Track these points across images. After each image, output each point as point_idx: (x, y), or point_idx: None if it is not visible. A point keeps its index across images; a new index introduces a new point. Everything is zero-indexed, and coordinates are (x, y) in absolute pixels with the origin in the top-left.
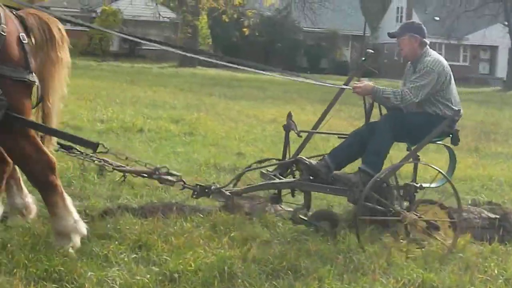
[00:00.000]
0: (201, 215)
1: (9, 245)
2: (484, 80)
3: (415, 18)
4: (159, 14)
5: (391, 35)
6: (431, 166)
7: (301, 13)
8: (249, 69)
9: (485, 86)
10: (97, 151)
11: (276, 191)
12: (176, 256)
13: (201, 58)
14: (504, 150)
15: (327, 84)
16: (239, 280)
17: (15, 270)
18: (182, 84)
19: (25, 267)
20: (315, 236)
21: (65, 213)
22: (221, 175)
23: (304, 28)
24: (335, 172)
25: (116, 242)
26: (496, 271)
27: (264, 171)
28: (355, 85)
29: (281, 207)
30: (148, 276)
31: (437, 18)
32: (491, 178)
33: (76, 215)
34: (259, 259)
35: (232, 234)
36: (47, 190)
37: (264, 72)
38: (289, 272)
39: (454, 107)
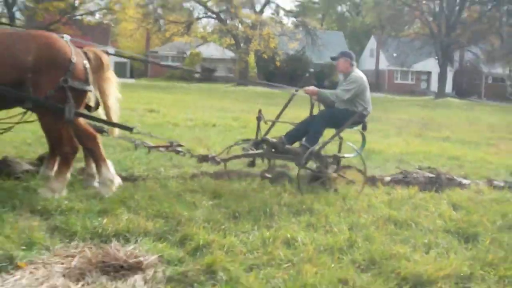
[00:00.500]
0: (250, 178)
1: (135, 195)
2: (424, 93)
3: (381, 56)
4: (224, 53)
5: (332, 58)
6: (347, 144)
7: (311, 52)
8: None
9: (424, 96)
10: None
11: (251, 159)
12: (237, 202)
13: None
14: (436, 135)
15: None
16: (276, 217)
17: (139, 211)
18: (238, 96)
19: (145, 209)
20: (324, 190)
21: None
22: None
23: (314, 61)
24: (287, 146)
25: (202, 195)
26: (433, 209)
27: (244, 146)
28: (306, 88)
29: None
30: (219, 215)
31: (395, 55)
32: (430, 153)
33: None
34: (288, 204)
35: (271, 188)
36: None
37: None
38: (307, 212)
39: (365, 106)
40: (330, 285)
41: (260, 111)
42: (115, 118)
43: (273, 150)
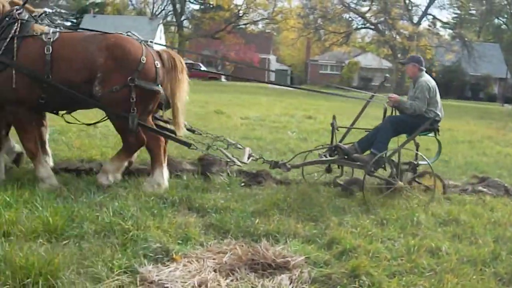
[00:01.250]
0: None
1: (288, 198)
2: None
3: None
4: (382, 63)
5: (401, 63)
6: (415, 152)
7: (467, 64)
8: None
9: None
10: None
11: (327, 165)
12: (385, 209)
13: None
14: None
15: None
16: (422, 226)
17: (290, 213)
18: None
19: (296, 211)
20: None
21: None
22: None
23: (470, 73)
24: (356, 154)
25: (351, 200)
26: None
27: (319, 153)
28: (390, 96)
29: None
30: (367, 221)
31: None
32: None
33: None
34: (435, 214)
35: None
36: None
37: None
38: (453, 222)
39: (437, 112)
40: None
41: (334, 117)
42: (181, 120)
43: (345, 157)
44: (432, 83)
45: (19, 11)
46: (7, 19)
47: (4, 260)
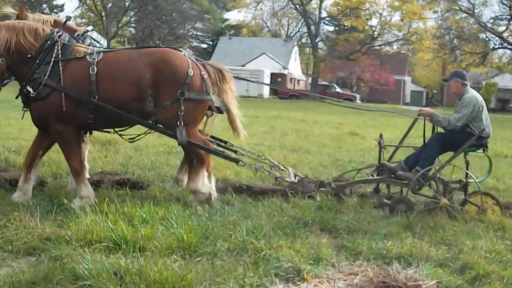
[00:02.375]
0: None
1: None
2: None
3: None
4: None
5: (444, 80)
6: (460, 168)
7: None
8: None
9: None
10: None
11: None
12: None
13: None
14: None
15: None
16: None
17: (423, 236)
18: None
19: (429, 235)
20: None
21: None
22: None
23: None
24: (400, 172)
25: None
26: None
27: (367, 172)
28: (421, 109)
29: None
30: (502, 246)
31: None
32: None
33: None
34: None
35: None
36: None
37: None
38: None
39: (482, 128)
40: None
41: (380, 135)
42: (239, 123)
43: (392, 175)
44: (478, 98)
45: (59, 33)
46: (48, 42)
47: (140, 274)
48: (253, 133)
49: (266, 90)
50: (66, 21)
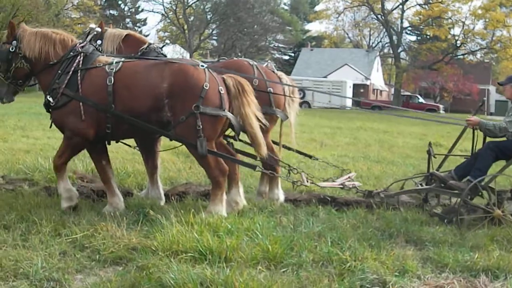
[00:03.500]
0: None
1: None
2: None
3: None
4: None
5: (500, 84)
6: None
7: None
8: None
9: None
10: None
11: (424, 195)
12: None
13: None
14: None
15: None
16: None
17: (510, 248)
18: None
19: None
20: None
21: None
22: None
23: None
24: (451, 181)
25: None
26: None
27: (416, 181)
28: (468, 119)
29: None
30: None
31: None
32: None
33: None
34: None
35: None
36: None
37: None
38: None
39: None
40: None
41: (430, 144)
42: (259, 141)
43: (442, 185)
44: None
45: (82, 44)
46: (71, 53)
47: (225, 285)
48: (337, 144)
49: (349, 101)
50: (88, 33)
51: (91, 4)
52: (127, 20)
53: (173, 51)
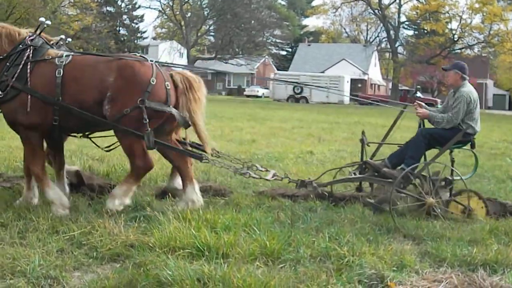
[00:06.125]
0: None
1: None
2: None
3: None
4: None
5: (443, 69)
6: (447, 166)
7: None
8: None
9: None
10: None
11: (358, 184)
12: None
13: None
14: None
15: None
16: None
17: (509, 243)
18: None
19: None
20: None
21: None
22: None
23: None
24: (385, 169)
25: None
26: None
27: (350, 170)
28: (418, 111)
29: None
30: None
31: None
32: None
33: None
34: None
35: None
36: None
37: None
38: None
39: (472, 126)
40: None
41: (363, 132)
42: (204, 136)
43: (375, 173)
44: (474, 94)
45: (31, 37)
46: (20, 46)
47: (223, 281)
48: (334, 139)
49: (346, 96)
50: (38, 28)
51: (87, 1)
52: (124, 16)
53: (170, 48)
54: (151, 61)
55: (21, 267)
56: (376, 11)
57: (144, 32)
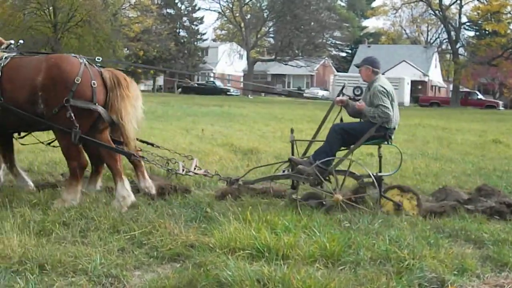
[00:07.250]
0: None
1: None
2: None
3: None
4: None
5: (356, 66)
6: (358, 163)
7: None
8: None
9: None
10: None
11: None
12: None
13: None
14: None
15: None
16: None
17: None
18: None
19: None
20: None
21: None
22: None
23: None
24: (300, 166)
25: None
26: None
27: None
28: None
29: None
30: None
31: None
32: None
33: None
34: None
35: None
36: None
37: None
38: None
39: (391, 119)
40: None
41: (292, 130)
42: (131, 135)
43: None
44: (388, 86)
45: None
46: None
47: (283, 282)
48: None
49: (407, 98)
50: None
51: (148, 3)
52: (184, 18)
53: (230, 49)
54: (82, 60)
55: (83, 265)
56: (437, 12)
57: (204, 34)
